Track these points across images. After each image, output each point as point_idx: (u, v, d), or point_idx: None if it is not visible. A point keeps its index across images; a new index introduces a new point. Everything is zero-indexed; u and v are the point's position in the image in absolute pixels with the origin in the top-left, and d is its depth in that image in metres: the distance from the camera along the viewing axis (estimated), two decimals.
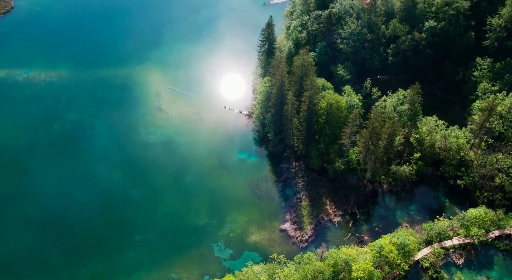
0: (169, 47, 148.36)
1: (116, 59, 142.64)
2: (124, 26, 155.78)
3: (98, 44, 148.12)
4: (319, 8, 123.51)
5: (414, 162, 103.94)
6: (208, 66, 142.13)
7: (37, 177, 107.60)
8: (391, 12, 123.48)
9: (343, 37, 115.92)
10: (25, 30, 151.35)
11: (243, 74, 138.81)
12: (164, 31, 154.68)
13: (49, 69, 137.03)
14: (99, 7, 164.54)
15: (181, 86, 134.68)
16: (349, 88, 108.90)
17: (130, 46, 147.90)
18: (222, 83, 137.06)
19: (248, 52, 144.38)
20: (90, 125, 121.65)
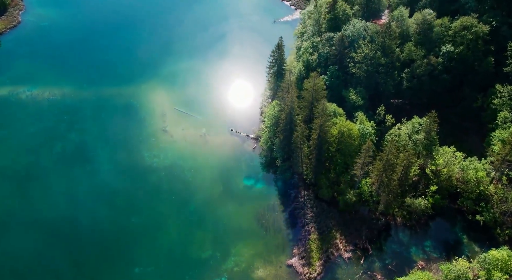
0: (176, 65, 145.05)
1: (122, 77, 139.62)
2: (131, 42, 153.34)
3: (104, 61, 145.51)
4: (331, 30, 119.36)
5: (430, 195, 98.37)
6: (215, 85, 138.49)
7: (35, 202, 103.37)
8: (406, 35, 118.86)
9: (355, 61, 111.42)
10: (31, 46, 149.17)
11: (251, 95, 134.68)
12: (171, 48, 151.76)
13: (53, 87, 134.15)
14: (107, 22, 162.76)
15: (187, 106, 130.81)
16: (362, 115, 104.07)
17: (136, 63, 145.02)
18: (229, 104, 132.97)
19: (257, 71, 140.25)
20: (93, 147, 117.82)
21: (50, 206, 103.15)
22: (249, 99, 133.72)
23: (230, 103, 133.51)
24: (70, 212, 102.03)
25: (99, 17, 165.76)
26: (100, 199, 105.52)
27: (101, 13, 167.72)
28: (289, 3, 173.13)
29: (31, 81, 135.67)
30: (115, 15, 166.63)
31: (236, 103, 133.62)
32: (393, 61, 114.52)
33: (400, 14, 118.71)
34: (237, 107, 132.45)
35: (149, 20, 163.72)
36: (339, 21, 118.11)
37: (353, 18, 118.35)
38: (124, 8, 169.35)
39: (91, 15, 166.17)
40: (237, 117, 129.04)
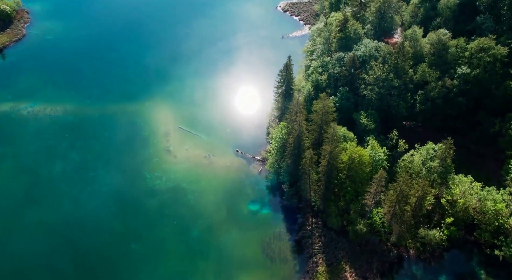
0: (181, 81, 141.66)
1: (126, 94, 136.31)
2: (137, 57, 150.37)
3: (108, 76, 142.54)
4: (342, 49, 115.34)
5: (445, 227, 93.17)
6: (221, 103, 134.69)
7: (32, 226, 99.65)
8: (420, 55, 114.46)
9: (367, 82, 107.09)
10: (34, 60, 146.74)
11: (258, 115, 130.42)
12: (177, 63, 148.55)
13: (55, 103, 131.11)
14: (112, 35, 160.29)
15: (192, 124, 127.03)
16: (373, 141, 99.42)
17: (141, 78, 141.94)
18: (235, 123, 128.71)
19: (264, 89, 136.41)
20: (93, 167, 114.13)
21: (46, 231, 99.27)
22: (256, 119, 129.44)
23: (236, 122, 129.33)
24: (67, 237, 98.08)
25: (105, 29, 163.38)
26: (99, 223, 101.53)
27: (107, 26, 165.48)
28: (298, 18, 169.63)
29: (33, 97, 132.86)
30: (121, 28, 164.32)
31: (242, 122, 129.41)
32: (406, 83, 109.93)
33: (413, 33, 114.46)
34: (243, 126, 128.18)
35: (155, 34, 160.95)
36: (350, 40, 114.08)
37: (364, 38, 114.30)
38: (130, 21, 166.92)
39: (97, 28, 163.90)
40: (243, 137, 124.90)
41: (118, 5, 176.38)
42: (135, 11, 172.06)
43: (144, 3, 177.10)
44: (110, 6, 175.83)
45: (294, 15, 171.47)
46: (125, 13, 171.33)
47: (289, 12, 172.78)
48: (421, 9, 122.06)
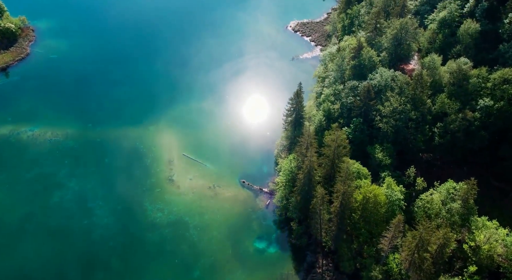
0: (186, 105, 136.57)
1: (130, 117, 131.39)
2: (141, 78, 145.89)
3: (112, 98, 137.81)
4: (356, 77, 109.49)
5: (468, 276, 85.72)
6: (227, 129, 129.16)
7: (25, 262, 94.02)
8: (439, 85, 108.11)
9: (383, 114, 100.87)
10: (37, 80, 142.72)
11: (266, 143, 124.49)
12: (183, 85, 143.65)
13: (56, 127, 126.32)
14: (117, 55, 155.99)
15: (197, 151, 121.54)
16: (390, 179, 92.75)
17: (145, 101, 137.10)
18: (242, 151, 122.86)
19: (272, 116, 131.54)
20: (93, 197, 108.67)
21: (40, 268, 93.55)
22: (264, 147, 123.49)
23: (243, 149, 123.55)
24: (60, 276, 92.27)
25: (111, 48, 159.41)
26: (95, 260, 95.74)
27: (113, 44, 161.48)
28: (309, 39, 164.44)
29: (34, 120, 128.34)
30: (128, 47, 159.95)
31: (250, 149, 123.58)
32: (424, 114, 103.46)
33: (431, 61, 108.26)
34: (251, 153, 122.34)
35: (162, 54, 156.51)
36: (365, 68, 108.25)
37: (380, 66, 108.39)
38: (137, 40, 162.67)
39: (103, 46, 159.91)
40: (250, 165, 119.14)
41: (125, 23, 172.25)
42: (142, 29, 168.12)
43: (152, 21, 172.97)
44: (118, 24, 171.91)
45: (304, 35, 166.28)
46: (132, 32, 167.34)
47: (300, 32, 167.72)
48: (439, 35, 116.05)
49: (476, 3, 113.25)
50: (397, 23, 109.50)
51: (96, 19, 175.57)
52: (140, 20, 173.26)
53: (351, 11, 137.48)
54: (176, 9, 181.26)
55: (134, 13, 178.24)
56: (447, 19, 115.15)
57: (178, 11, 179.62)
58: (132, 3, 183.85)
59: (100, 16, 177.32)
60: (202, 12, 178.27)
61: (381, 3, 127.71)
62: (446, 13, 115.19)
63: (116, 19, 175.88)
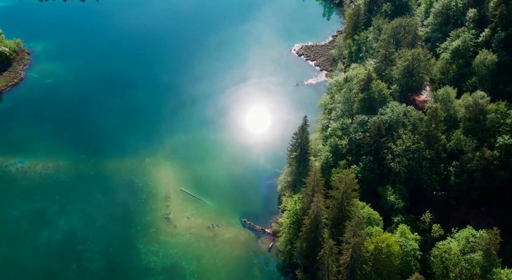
0: (186, 135, 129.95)
1: (125, 147, 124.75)
2: (139, 105, 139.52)
3: (108, 127, 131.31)
4: (365, 111, 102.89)
5: None
6: (228, 163, 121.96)
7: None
8: (453, 119, 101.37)
9: (394, 153, 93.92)
10: (30, 107, 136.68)
11: (269, 176, 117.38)
12: (183, 113, 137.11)
13: (47, 158, 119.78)
14: (115, 80, 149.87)
15: (195, 186, 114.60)
16: (404, 227, 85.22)
17: (142, 131, 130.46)
18: (243, 185, 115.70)
19: (276, 146, 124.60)
20: (83, 238, 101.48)
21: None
22: (266, 181, 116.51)
23: (244, 184, 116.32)
24: None
25: (107, 72, 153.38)
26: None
27: (110, 68, 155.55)
28: (314, 63, 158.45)
29: (25, 150, 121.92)
30: (125, 72, 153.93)
31: (251, 184, 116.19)
32: (438, 152, 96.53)
33: (445, 94, 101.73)
34: (252, 190, 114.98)
35: (162, 78, 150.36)
36: (374, 102, 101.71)
37: (391, 100, 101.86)
38: (135, 65, 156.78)
39: (99, 70, 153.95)
40: (252, 203, 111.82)
41: (124, 45, 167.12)
42: (141, 53, 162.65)
43: (151, 44, 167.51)
44: (117, 46, 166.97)
45: (309, 59, 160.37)
46: (131, 55, 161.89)
47: (304, 56, 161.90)
48: (453, 66, 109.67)
49: (492, 32, 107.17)
50: (408, 54, 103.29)
51: (94, 40, 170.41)
52: (139, 43, 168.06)
53: (358, 37, 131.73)
54: (176, 31, 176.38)
55: (133, 36, 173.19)
56: (461, 48, 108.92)
57: (179, 33, 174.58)
58: (131, 26, 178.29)
59: (98, 37, 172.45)
60: (203, 35, 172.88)
61: (390, 30, 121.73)
62: (459, 43, 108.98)
63: (115, 40, 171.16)
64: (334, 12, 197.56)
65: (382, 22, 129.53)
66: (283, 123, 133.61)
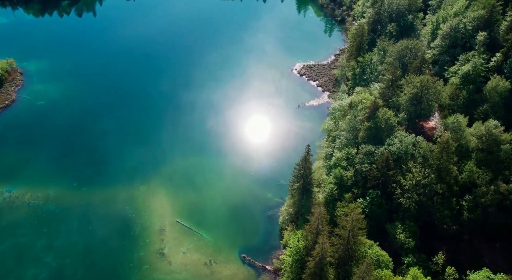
0: (183, 161, 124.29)
1: (119, 175, 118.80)
2: (134, 129, 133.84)
3: (102, 152, 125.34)
4: (371, 140, 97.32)
5: None
6: (227, 191, 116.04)
7: None
8: (465, 149, 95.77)
9: (404, 188, 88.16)
10: (21, 130, 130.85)
11: (270, 209, 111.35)
12: (179, 138, 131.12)
13: (37, 187, 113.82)
14: (110, 102, 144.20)
15: (192, 217, 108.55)
16: (415, 270, 78.98)
17: (137, 156, 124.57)
18: (242, 216, 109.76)
19: (276, 172, 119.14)
20: (71, 276, 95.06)
21: None
22: (267, 213, 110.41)
23: (243, 215, 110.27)
24: None
25: (102, 93, 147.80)
26: None
27: (105, 89, 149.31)
28: (316, 84, 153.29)
29: (13, 178, 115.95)
30: (120, 92, 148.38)
31: (251, 215, 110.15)
32: (450, 185, 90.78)
33: (456, 122, 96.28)
34: (252, 221, 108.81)
35: (156, 101, 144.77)
36: (381, 131, 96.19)
37: (398, 129, 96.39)
38: (130, 85, 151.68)
39: (94, 90, 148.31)
40: (252, 236, 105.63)
41: (122, 62, 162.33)
42: (138, 72, 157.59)
43: (149, 64, 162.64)
44: (113, 64, 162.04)
45: (311, 79, 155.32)
46: (128, 74, 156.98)
47: (306, 76, 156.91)
48: (463, 92, 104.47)
49: (504, 58, 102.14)
50: (416, 80, 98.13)
51: (90, 58, 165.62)
52: (137, 60, 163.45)
53: (363, 59, 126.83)
54: (175, 49, 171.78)
55: (131, 53, 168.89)
56: (471, 74, 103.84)
57: (177, 52, 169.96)
58: (130, 42, 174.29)
59: (95, 55, 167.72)
60: (200, 53, 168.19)
61: (395, 53, 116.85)
62: (469, 67, 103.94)
63: (112, 58, 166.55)
64: (336, 29, 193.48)
65: (387, 44, 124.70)
66: (284, 148, 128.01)
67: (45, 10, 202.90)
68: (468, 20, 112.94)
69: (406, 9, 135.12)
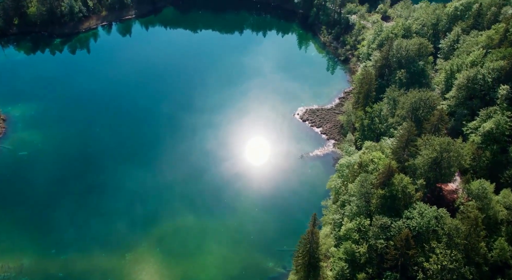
0: (174, 220, 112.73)
1: (102, 239, 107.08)
2: (123, 185, 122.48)
3: (85, 213, 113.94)
4: (386, 211, 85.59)
5: None
6: (223, 259, 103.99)
7: None
8: (493, 221, 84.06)
9: (427, 273, 76.07)
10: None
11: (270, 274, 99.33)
12: (171, 195, 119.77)
13: (10, 256, 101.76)
14: (96, 154, 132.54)
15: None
16: None
17: (123, 217, 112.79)
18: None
19: (278, 238, 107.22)
20: None
21: None
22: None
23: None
24: None
25: (89, 142, 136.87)
26: None
27: (92, 138, 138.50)
28: (320, 131, 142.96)
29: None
30: (108, 143, 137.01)
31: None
32: (479, 265, 78.74)
33: (481, 190, 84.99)
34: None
35: (148, 151, 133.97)
36: (397, 200, 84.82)
37: (417, 198, 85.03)
38: (119, 134, 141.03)
39: (80, 140, 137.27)
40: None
41: (111, 112, 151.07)
42: (126, 121, 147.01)
43: (139, 110, 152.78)
44: (103, 112, 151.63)
45: (314, 126, 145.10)
46: (118, 121, 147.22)
47: (309, 121, 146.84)
48: (486, 152, 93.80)
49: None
50: (436, 142, 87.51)
51: (80, 100, 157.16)
52: (127, 110, 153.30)
53: (371, 110, 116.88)
54: (167, 93, 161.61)
55: (123, 96, 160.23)
56: (494, 132, 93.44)
57: (169, 96, 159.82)
58: (123, 82, 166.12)
59: (86, 96, 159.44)
60: (196, 97, 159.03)
61: (408, 105, 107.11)
62: (492, 125, 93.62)
63: (103, 100, 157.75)
64: (338, 67, 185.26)
65: (398, 94, 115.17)
66: (287, 206, 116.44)
67: (37, 48, 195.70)
68: (486, 71, 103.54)
69: (416, 54, 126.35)
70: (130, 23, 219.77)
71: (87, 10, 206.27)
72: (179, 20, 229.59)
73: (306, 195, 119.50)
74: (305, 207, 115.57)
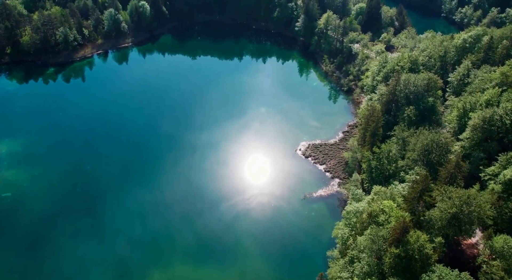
0: (167, 270, 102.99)
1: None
2: (114, 229, 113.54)
3: (71, 259, 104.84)
4: (400, 273, 76.75)
5: None
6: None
7: None
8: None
9: None
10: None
11: None
12: (166, 239, 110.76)
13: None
14: (86, 195, 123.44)
15: None
16: None
17: (113, 265, 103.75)
18: None
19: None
20: None
21: None
22: None
23: None
24: None
25: (79, 181, 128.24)
26: None
27: (83, 177, 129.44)
28: (323, 168, 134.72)
29: None
30: (98, 182, 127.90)
31: None
32: None
33: (505, 247, 76.34)
34: None
35: (142, 192, 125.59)
36: (414, 261, 76.08)
37: (438, 265, 76.10)
38: (114, 173, 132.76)
39: (69, 179, 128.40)
40: None
41: (104, 150, 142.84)
42: (120, 157, 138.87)
43: (132, 144, 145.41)
44: (96, 147, 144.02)
45: (318, 162, 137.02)
46: (109, 157, 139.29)
47: (312, 158, 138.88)
48: (508, 203, 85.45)
49: None
50: (454, 195, 79.38)
51: (72, 134, 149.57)
52: (120, 144, 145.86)
53: (379, 151, 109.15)
54: (162, 133, 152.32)
55: (118, 129, 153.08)
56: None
57: (165, 135, 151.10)
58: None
59: (78, 129, 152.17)
60: (193, 131, 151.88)
61: (419, 147, 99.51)
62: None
63: (96, 133, 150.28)
64: (341, 96, 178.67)
65: (407, 134, 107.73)
66: (289, 255, 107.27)
67: (30, 77, 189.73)
68: (503, 112, 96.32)
69: (425, 89, 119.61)
70: (127, 51, 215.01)
71: (82, 39, 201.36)
72: (177, 48, 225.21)
73: (310, 242, 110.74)
74: (310, 253, 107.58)
